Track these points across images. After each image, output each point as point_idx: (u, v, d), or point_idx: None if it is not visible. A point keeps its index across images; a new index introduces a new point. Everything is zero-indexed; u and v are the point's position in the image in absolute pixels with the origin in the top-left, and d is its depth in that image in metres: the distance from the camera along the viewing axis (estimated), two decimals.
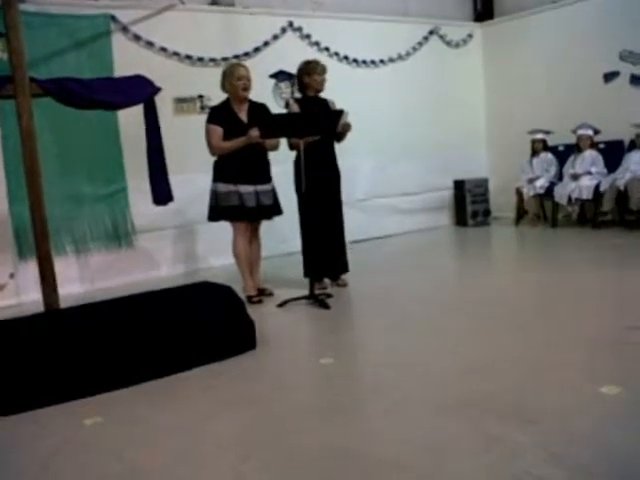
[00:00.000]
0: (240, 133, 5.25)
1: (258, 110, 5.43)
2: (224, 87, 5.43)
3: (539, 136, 8.69)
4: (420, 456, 2.56)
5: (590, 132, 8.11)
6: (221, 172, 5.34)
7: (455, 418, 2.87)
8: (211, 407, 3.28)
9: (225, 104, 5.42)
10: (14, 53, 4.27)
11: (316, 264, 5.52)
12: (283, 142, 5.57)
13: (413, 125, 8.97)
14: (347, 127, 5.54)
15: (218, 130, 5.29)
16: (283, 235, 7.02)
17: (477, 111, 9.92)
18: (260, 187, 5.39)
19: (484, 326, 4.34)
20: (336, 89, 6.04)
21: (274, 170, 5.58)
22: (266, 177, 5.49)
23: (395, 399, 3.16)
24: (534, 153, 8.76)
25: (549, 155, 8.68)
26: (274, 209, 5.55)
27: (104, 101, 4.67)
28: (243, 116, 5.38)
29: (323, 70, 5.66)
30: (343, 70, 8.37)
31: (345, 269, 5.88)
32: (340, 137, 5.67)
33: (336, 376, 3.65)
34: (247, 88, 5.37)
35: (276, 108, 6.76)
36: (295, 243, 5.97)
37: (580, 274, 5.67)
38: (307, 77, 5.64)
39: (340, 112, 5.37)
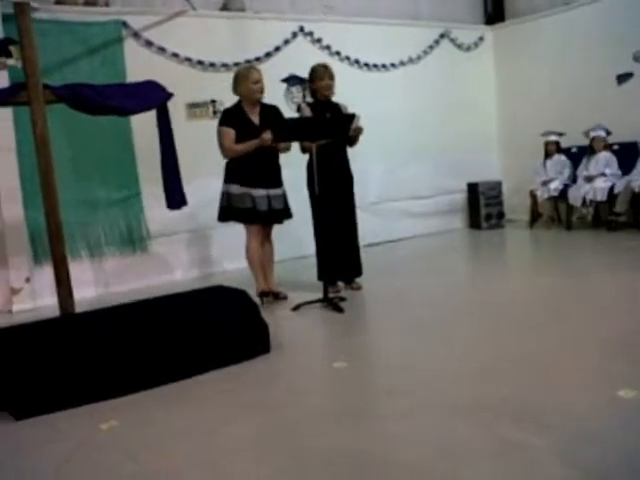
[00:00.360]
0: (252, 135, 5.27)
1: (270, 112, 5.45)
2: (236, 90, 5.43)
3: (552, 138, 8.64)
4: (436, 460, 2.55)
5: (603, 134, 8.07)
6: (234, 174, 5.35)
7: (470, 421, 2.86)
8: (226, 411, 3.29)
9: (237, 107, 5.44)
10: (27, 60, 4.31)
11: (330, 267, 5.52)
12: (295, 145, 5.58)
13: (425, 128, 8.95)
14: (359, 131, 5.55)
15: (230, 132, 5.31)
16: (297, 238, 7.01)
17: (489, 114, 9.88)
18: (272, 191, 5.40)
19: (498, 329, 4.32)
20: (347, 93, 6.05)
21: (285, 174, 5.59)
22: (278, 181, 5.51)
23: (410, 402, 3.16)
24: (547, 155, 8.71)
25: (562, 157, 8.63)
26: (285, 213, 5.57)
27: (117, 107, 4.69)
28: (255, 118, 5.40)
29: (330, 75, 5.65)
30: (354, 74, 8.37)
31: (359, 272, 5.88)
32: (353, 141, 5.67)
33: (350, 380, 3.65)
34: (262, 91, 5.40)
35: (288, 112, 6.78)
36: (309, 246, 5.97)
37: (594, 277, 5.64)
38: (314, 82, 5.66)
39: (352, 116, 5.37)
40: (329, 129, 5.25)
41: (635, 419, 2.73)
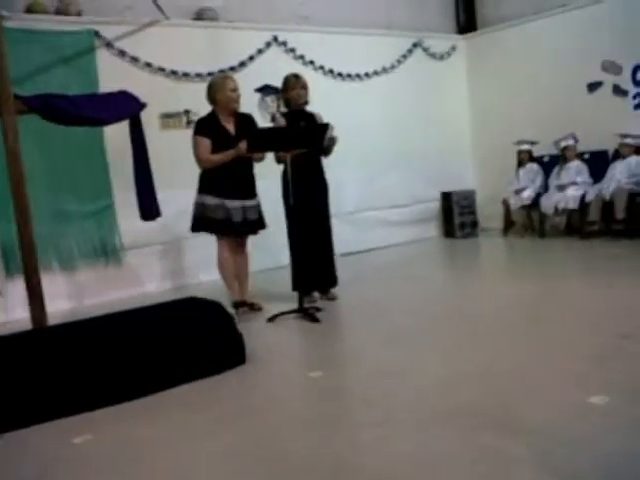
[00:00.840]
0: (228, 145, 5.24)
1: (245, 121, 5.44)
2: (213, 99, 5.39)
3: (525, 147, 8.74)
4: (415, 469, 2.55)
5: (573, 142, 8.18)
6: (208, 184, 5.31)
7: (448, 429, 2.87)
8: (201, 423, 3.25)
9: (211, 116, 5.40)
10: None
11: (305, 278, 5.50)
12: (269, 155, 5.57)
13: (400, 137, 9.00)
14: (333, 141, 5.56)
15: (206, 142, 5.26)
16: (272, 249, 7.01)
17: (463, 123, 9.97)
18: (247, 202, 5.39)
19: (474, 337, 4.34)
20: (321, 103, 6.06)
21: (259, 184, 5.57)
22: (252, 192, 5.49)
23: (387, 410, 3.15)
24: (520, 164, 8.81)
25: (535, 166, 8.73)
26: (259, 224, 5.55)
27: (90, 117, 4.67)
28: (231, 128, 5.37)
29: (302, 85, 5.65)
30: (328, 83, 8.41)
31: (334, 282, 5.87)
32: (327, 151, 5.68)
33: (326, 389, 3.63)
34: (239, 100, 5.37)
35: (262, 122, 6.77)
36: (284, 257, 5.96)
37: (568, 284, 5.69)
38: (286, 92, 5.68)
39: (325, 125, 5.37)
40: (303, 139, 5.25)
41: (609, 425, 2.76)
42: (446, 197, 9.40)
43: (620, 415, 2.84)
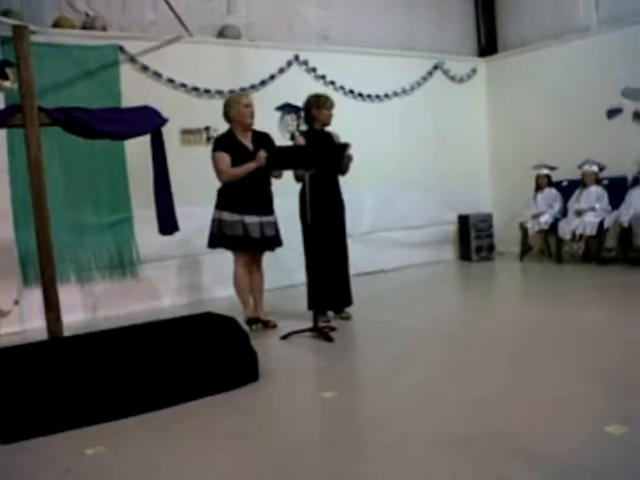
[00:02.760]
0: (247, 160, 5.29)
1: (262, 139, 5.48)
2: (227, 115, 5.46)
3: (544, 171, 8.70)
4: None
5: (595, 168, 8.14)
6: (226, 200, 5.36)
7: (461, 454, 2.84)
8: (212, 439, 3.25)
9: (229, 133, 5.47)
10: (24, 83, 4.32)
11: (320, 297, 5.50)
12: (287, 173, 5.60)
13: (417, 159, 9.00)
14: (349, 159, 5.58)
15: (226, 157, 5.32)
16: (287, 267, 7.02)
17: (481, 146, 9.97)
18: (264, 218, 5.41)
19: (488, 361, 4.31)
20: (341, 123, 6.07)
21: (276, 202, 5.60)
22: (270, 208, 5.52)
23: (399, 434, 3.13)
24: (538, 188, 8.78)
25: (553, 190, 8.69)
26: (276, 240, 5.57)
27: (112, 131, 4.70)
28: (248, 144, 5.42)
29: (332, 105, 5.73)
30: (348, 103, 8.43)
31: (349, 302, 5.87)
32: (343, 170, 5.70)
33: (339, 409, 3.62)
34: (253, 116, 5.43)
35: (282, 140, 6.81)
36: (299, 275, 5.96)
37: (584, 311, 5.64)
38: (316, 110, 5.69)
39: (345, 145, 5.40)
40: (323, 158, 5.28)
41: (624, 455, 2.72)
42: (463, 220, 9.37)
43: (636, 445, 2.81)
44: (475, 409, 3.39)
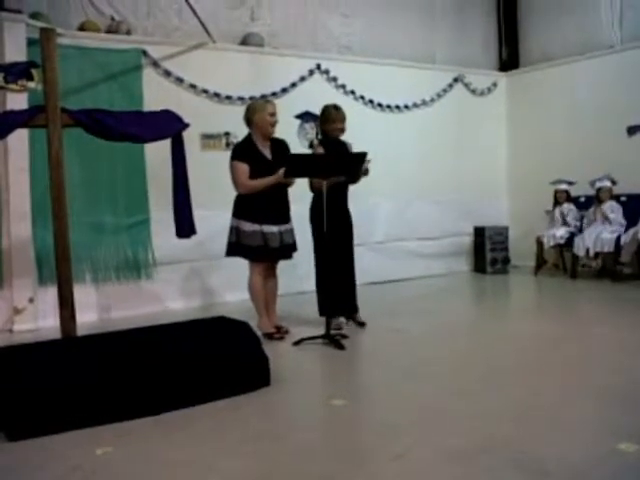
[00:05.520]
0: (266, 170, 5.27)
1: (280, 146, 5.47)
2: (249, 120, 5.43)
3: (563, 187, 8.66)
4: None
5: (608, 184, 8.11)
6: (245, 210, 5.34)
7: (469, 467, 2.83)
8: (222, 443, 3.26)
9: (248, 141, 5.44)
10: (49, 84, 4.38)
11: (332, 302, 5.50)
12: (299, 181, 5.59)
13: (435, 170, 9.01)
14: (367, 171, 5.61)
15: (244, 167, 5.28)
16: (297, 273, 7.03)
17: (499, 159, 9.96)
18: (283, 227, 5.41)
19: (500, 373, 4.31)
20: (359, 132, 6.13)
21: (294, 208, 5.63)
22: (287, 216, 5.52)
23: (407, 444, 3.13)
24: (557, 203, 8.74)
25: (571, 206, 8.66)
26: (294, 247, 5.58)
27: (133, 134, 4.74)
28: (267, 153, 5.41)
29: (342, 118, 5.69)
30: (367, 113, 8.48)
31: (355, 310, 5.90)
32: (356, 179, 5.72)
33: (348, 418, 3.63)
34: (275, 125, 5.42)
35: (300, 149, 6.84)
36: (307, 282, 5.98)
37: (597, 327, 5.61)
38: (326, 124, 5.70)
39: (364, 155, 5.40)
40: (342, 167, 5.30)
41: (636, 473, 2.71)
42: (479, 232, 9.36)
43: None
44: (485, 422, 3.38)
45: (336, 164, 5.25)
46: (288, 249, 5.49)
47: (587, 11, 8.99)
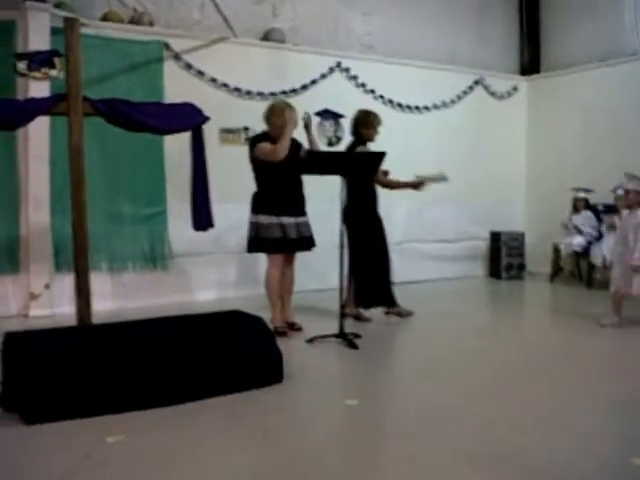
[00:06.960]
0: (277, 166, 5.30)
1: (292, 145, 5.44)
2: (269, 120, 5.44)
3: (582, 194, 8.56)
4: None
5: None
6: (263, 204, 5.38)
7: (480, 471, 2.81)
8: (232, 437, 3.26)
9: (265, 136, 5.47)
10: (71, 73, 4.40)
11: (371, 293, 5.82)
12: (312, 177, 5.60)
13: (453, 173, 8.87)
14: (385, 174, 5.79)
15: (268, 144, 5.33)
16: (319, 271, 7.02)
17: (518, 164, 9.89)
18: (300, 219, 5.46)
19: (514, 379, 4.28)
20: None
21: (312, 206, 5.65)
22: (303, 209, 5.56)
23: (419, 446, 3.11)
24: (575, 210, 8.66)
25: (589, 213, 8.56)
26: (312, 241, 5.60)
27: (153, 125, 4.74)
28: None
29: (380, 122, 5.95)
30: (387, 113, 8.36)
31: (393, 303, 6.12)
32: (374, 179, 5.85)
33: (360, 418, 3.61)
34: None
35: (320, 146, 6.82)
36: (330, 280, 5.96)
37: (613, 338, 5.56)
38: (366, 128, 5.89)
39: (382, 154, 5.36)
40: (360, 165, 5.31)
41: None
42: (495, 237, 9.30)
43: None
44: (499, 427, 3.36)
45: (355, 162, 5.26)
46: (305, 241, 5.52)
47: (610, 17, 8.91)
